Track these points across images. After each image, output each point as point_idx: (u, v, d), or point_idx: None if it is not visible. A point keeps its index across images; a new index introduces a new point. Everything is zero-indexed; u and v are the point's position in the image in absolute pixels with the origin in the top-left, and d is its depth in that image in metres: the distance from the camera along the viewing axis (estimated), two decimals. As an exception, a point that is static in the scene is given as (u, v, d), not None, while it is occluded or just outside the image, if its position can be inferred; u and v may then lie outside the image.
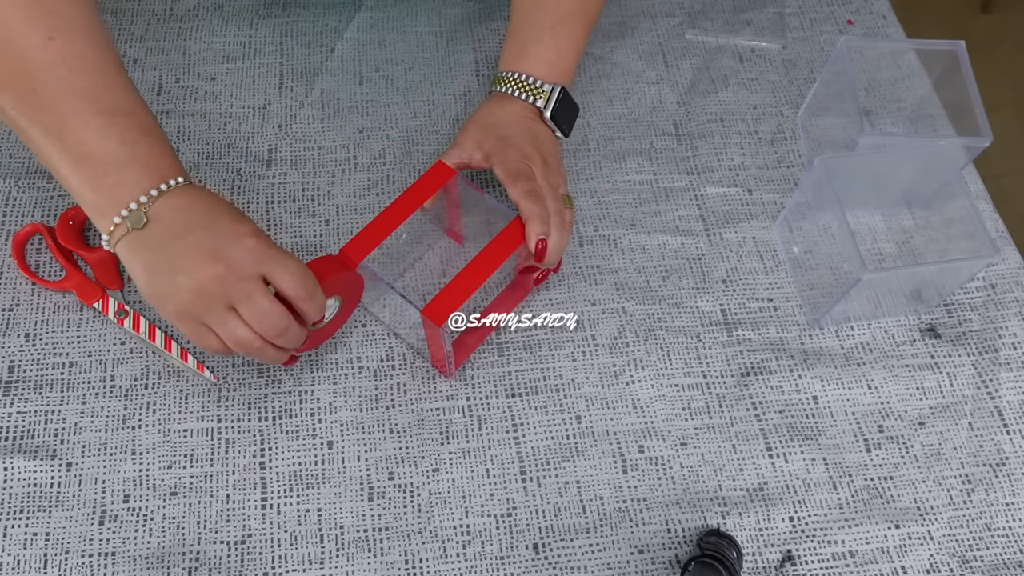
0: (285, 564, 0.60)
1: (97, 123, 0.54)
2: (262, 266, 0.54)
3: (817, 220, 0.72)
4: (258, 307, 0.54)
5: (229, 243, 0.53)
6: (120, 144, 0.54)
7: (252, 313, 0.54)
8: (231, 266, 0.53)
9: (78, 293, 0.68)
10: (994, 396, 0.70)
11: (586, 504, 0.64)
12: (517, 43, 0.72)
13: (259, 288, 0.54)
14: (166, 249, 0.53)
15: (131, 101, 0.56)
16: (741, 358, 0.70)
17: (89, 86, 0.54)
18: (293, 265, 0.55)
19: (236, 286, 0.53)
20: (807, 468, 0.66)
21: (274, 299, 0.54)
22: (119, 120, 0.54)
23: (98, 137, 0.54)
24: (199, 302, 0.53)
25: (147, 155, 0.55)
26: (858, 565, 0.62)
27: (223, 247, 0.53)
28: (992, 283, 0.75)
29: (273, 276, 0.54)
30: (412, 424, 0.66)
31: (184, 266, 0.53)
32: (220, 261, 0.52)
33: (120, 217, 0.54)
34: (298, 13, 0.87)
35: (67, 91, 0.53)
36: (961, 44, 0.74)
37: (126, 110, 0.55)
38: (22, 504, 0.61)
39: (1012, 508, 0.65)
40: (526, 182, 0.64)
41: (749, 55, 0.88)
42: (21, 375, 0.66)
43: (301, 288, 0.55)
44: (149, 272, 0.54)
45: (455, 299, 0.60)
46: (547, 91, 0.70)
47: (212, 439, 0.64)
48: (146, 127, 0.56)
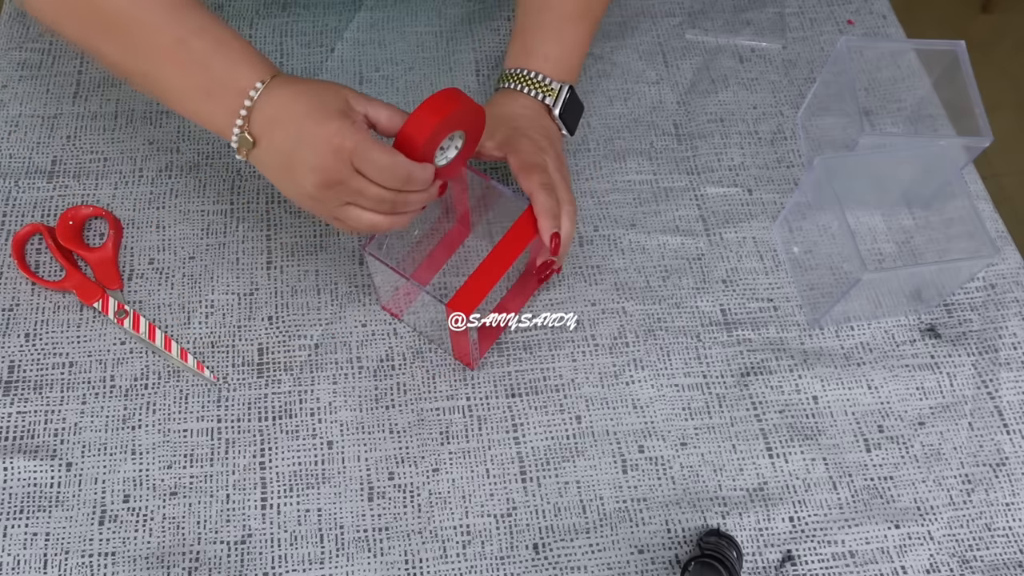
0: (285, 564, 0.60)
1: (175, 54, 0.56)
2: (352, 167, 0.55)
3: (817, 220, 0.72)
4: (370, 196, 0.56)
5: (318, 155, 0.54)
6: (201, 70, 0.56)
7: (368, 203, 0.57)
8: (327, 176, 0.55)
9: (78, 293, 0.68)
10: (994, 396, 0.70)
11: (586, 504, 0.64)
12: (523, 41, 0.72)
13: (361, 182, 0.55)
14: (280, 161, 0.57)
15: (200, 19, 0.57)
16: (741, 358, 0.70)
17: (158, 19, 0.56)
18: (379, 158, 0.55)
19: (342, 188, 0.56)
20: (807, 468, 0.66)
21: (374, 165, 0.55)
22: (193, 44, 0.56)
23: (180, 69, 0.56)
24: (320, 203, 0.57)
25: (224, 71, 0.56)
26: (858, 565, 0.62)
27: (314, 160, 0.55)
28: (992, 283, 0.75)
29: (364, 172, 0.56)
30: (412, 424, 0.66)
31: (298, 178, 0.56)
32: (318, 172, 0.55)
33: (234, 144, 0.57)
34: (298, 13, 0.87)
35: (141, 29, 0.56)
36: (961, 44, 0.74)
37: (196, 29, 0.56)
38: (22, 504, 0.61)
39: (1012, 508, 0.65)
40: (541, 174, 0.64)
41: (749, 55, 0.88)
42: (21, 375, 0.66)
43: (392, 179, 0.56)
44: (277, 180, 0.59)
45: (478, 292, 0.60)
46: (556, 89, 0.70)
47: (212, 439, 0.64)
48: (218, 40, 0.57)
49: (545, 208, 0.63)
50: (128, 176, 0.76)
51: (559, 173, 0.66)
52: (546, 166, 0.66)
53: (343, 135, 0.54)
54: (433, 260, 0.73)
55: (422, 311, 0.69)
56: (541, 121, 0.70)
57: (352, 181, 0.55)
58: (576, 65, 0.73)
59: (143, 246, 0.73)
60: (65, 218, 0.71)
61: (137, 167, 0.77)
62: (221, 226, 0.74)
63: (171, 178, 0.76)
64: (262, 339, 0.69)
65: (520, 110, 0.70)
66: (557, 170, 0.66)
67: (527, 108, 0.70)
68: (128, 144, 0.78)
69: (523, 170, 0.65)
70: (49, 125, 0.78)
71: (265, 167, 0.58)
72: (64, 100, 0.80)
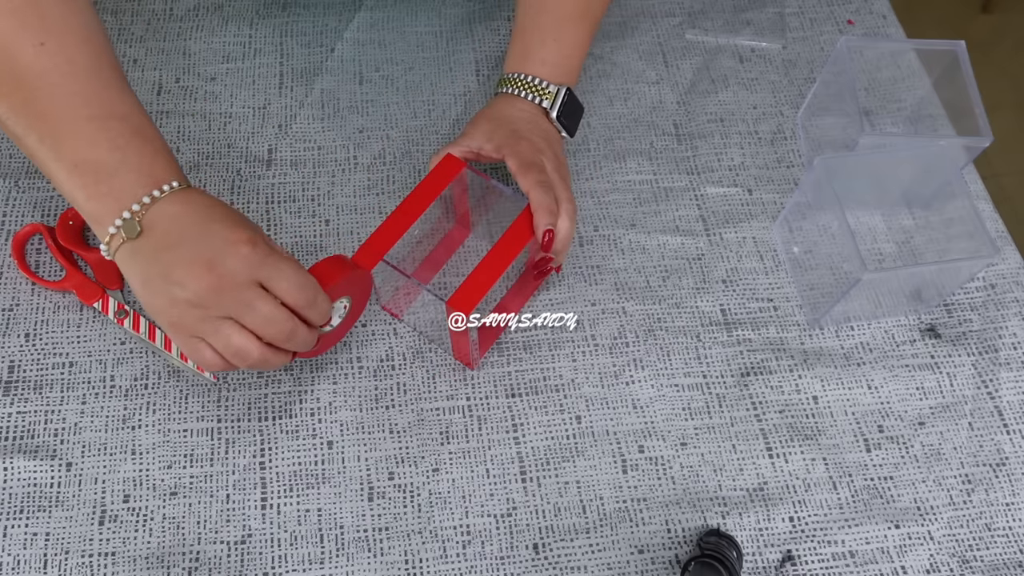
0: (285, 564, 0.60)
1: (89, 129, 0.52)
2: (258, 273, 0.52)
3: (817, 220, 0.72)
4: (261, 313, 0.52)
5: (223, 251, 0.51)
6: (111, 151, 0.53)
7: (255, 320, 0.52)
8: (224, 275, 0.51)
9: (78, 293, 0.68)
10: (994, 396, 0.70)
11: (586, 504, 0.64)
12: (522, 44, 0.72)
13: (258, 294, 0.52)
14: (160, 259, 0.52)
15: (125, 105, 0.55)
16: (741, 358, 0.70)
17: (80, 91, 0.53)
18: (291, 272, 0.53)
19: (232, 296, 0.51)
20: (807, 468, 0.66)
21: (276, 303, 0.53)
22: (111, 125, 0.53)
23: (89, 144, 0.52)
24: (193, 313, 0.52)
25: (139, 160, 0.53)
26: (858, 565, 0.62)
27: (216, 256, 0.51)
28: (992, 283, 0.75)
29: (270, 284, 0.52)
30: (412, 424, 0.66)
31: (178, 277, 0.51)
32: (213, 271, 0.51)
33: (115, 227, 0.52)
34: (298, 13, 0.87)
35: (58, 97, 0.52)
36: (961, 44, 0.74)
37: (119, 114, 0.54)
38: (22, 504, 0.61)
39: (1012, 508, 0.65)
40: (538, 172, 0.65)
41: (749, 55, 0.88)
42: (21, 375, 0.66)
43: (300, 296, 0.53)
44: (145, 283, 0.53)
45: (478, 290, 0.61)
46: (552, 92, 0.70)
47: (212, 439, 0.64)
48: (139, 130, 0.54)
49: (541, 204, 0.63)
50: (128, 176, 0.76)
51: (557, 173, 0.66)
52: (543, 166, 0.66)
53: (256, 244, 0.52)
54: (433, 260, 0.73)
55: (422, 311, 0.69)
56: (540, 124, 0.70)
57: (247, 291, 0.51)
58: (575, 67, 0.73)
59: (143, 246, 0.73)
60: (65, 218, 0.71)
61: (137, 167, 0.76)
62: (221, 226, 0.74)
63: (171, 178, 0.76)
64: (262, 339, 0.69)
65: (519, 113, 0.70)
66: (556, 171, 0.66)
67: (525, 112, 0.70)
68: (128, 144, 0.78)
69: (521, 169, 0.65)
70: (49, 125, 0.78)
71: (136, 264, 0.53)
72: (64, 100, 0.80)
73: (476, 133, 0.68)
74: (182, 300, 0.51)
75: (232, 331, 0.52)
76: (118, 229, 0.52)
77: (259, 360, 0.54)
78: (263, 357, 0.54)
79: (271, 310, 0.52)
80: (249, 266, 0.52)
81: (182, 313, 0.52)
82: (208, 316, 0.52)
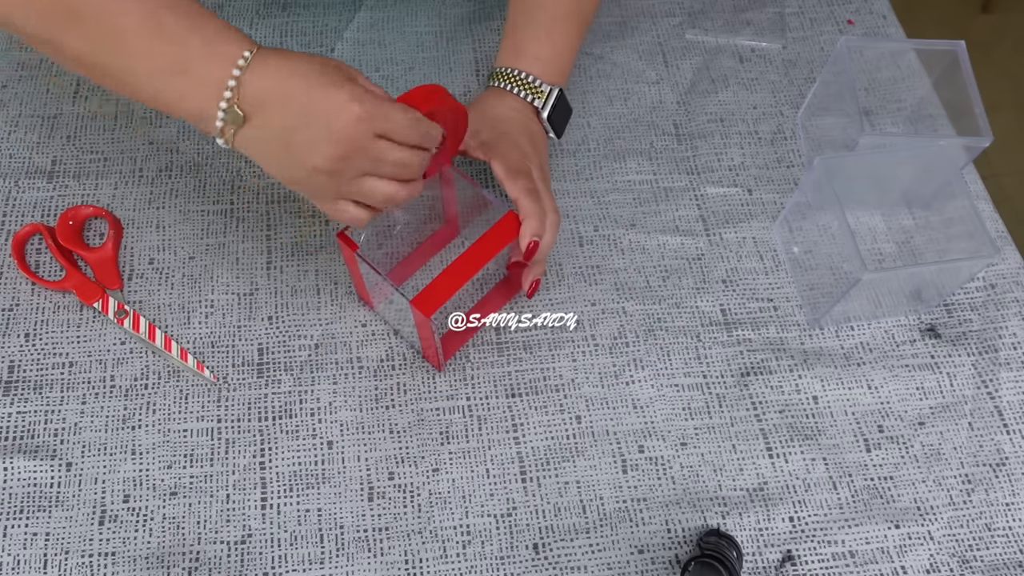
0: (285, 564, 0.60)
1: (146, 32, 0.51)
2: (374, 127, 0.53)
3: (817, 220, 0.72)
4: (392, 161, 0.54)
5: (337, 119, 0.52)
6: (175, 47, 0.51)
7: (390, 169, 0.55)
8: (348, 142, 0.52)
9: (78, 293, 0.68)
10: (994, 396, 0.70)
11: (586, 504, 0.64)
12: (514, 40, 0.72)
13: (384, 147, 0.54)
14: (280, 139, 0.53)
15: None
16: (741, 358, 0.70)
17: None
18: (399, 115, 0.54)
19: (362, 156, 0.53)
20: (807, 468, 0.66)
21: (400, 147, 0.55)
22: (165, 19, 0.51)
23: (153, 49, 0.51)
24: (333, 180, 0.54)
25: (202, 46, 0.52)
26: (858, 565, 0.62)
27: (332, 126, 0.52)
28: (992, 283, 0.75)
29: (388, 133, 0.54)
30: (412, 424, 0.66)
31: (305, 154, 0.52)
32: (336, 143, 0.52)
33: (220, 120, 0.52)
34: (298, 13, 0.87)
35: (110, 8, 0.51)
36: (961, 44, 0.74)
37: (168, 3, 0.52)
38: (22, 504, 0.61)
39: (1012, 508, 0.65)
40: (527, 179, 0.64)
41: (749, 55, 0.88)
42: (21, 375, 0.66)
43: (415, 134, 0.55)
44: (277, 162, 0.54)
45: (445, 291, 0.60)
46: (545, 91, 0.70)
47: (212, 439, 0.64)
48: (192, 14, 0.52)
49: (531, 212, 0.63)
50: (128, 176, 0.76)
51: (542, 182, 0.66)
52: (530, 173, 0.65)
53: (361, 100, 0.52)
54: (413, 259, 0.72)
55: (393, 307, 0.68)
56: (528, 124, 0.70)
57: (372, 147, 0.53)
58: (566, 67, 0.73)
59: (143, 246, 0.73)
60: (65, 218, 0.71)
61: (137, 167, 0.77)
62: (221, 226, 0.74)
63: (171, 178, 0.76)
64: (262, 339, 0.69)
65: (508, 112, 0.69)
66: (540, 179, 0.66)
67: (515, 110, 0.70)
68: (128, 144, 0.78)
69: (508, 174, 0.64)
70: (49, 125, 0.78)
71: (258, 147, 0.54)
72: (64, 100, 0.80)
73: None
74: (318, 172, 0.53)
75: (374, 184, 0.55)
76: (224, 122, 0.52)
77: (406, 197, 0.57)
78: (408, 193, 0.57)
79: (398, 155, 0.55)
80: (366, 125, 0.52)
81: (323, 183, 0.54)
82: (346, 179, 0.54)
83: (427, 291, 0.60)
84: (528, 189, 0.64)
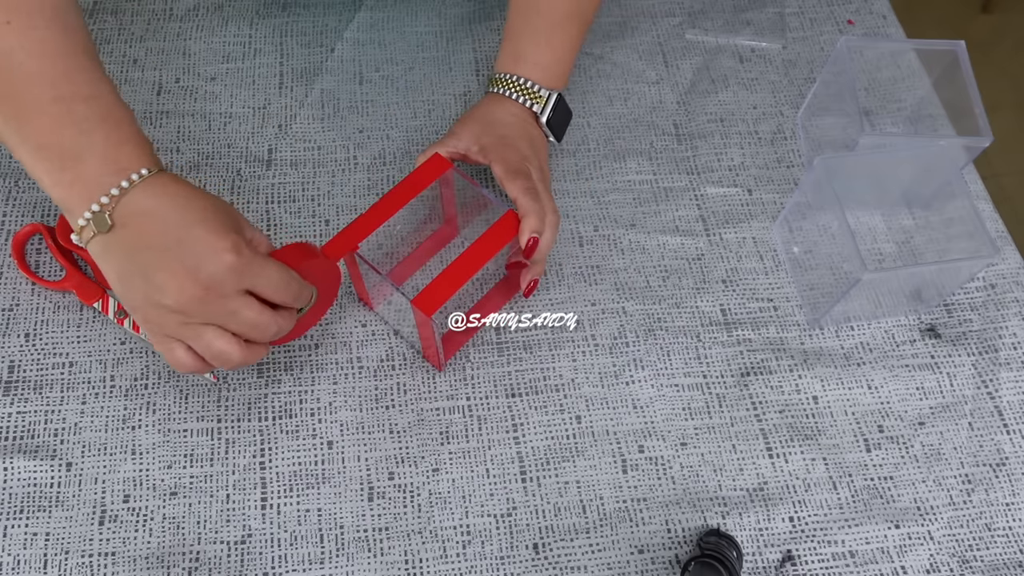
0: (285, 564, 0.60)
1: (53, 111, 0.50)
2: (243, 281, 0.51)
3: (817, 220, 0.72)
4: (246, 319, 0.52)
5: (207, 260, 0.49)
6: (76, 135, 0.50)
7: (241, 326, 0.52)
8: (210, 287, 0.50)
9: (78, 293, 0.68)
10: (994, 396, 0.70)
11: (586, 504, 0.64)
12: (513, 45, 0.72)
13: (244, 303, 0.51)
14: (137, 258, 0.50)
15: (95, 87, 0.52)
16: (741, 358, 0.70)
17: (46, 72, 0.50)
18: (274, 273, 0.52)
19: (218, 305, 0.50)
20: (807, 468, 0.66)
21: (261, 307, 0.52)
22: (77, 108, 0.50)
23: (52, 126, 0.50)
24: (174, 318, 0.51)
25: (105, 146, 0.50)
26: (858, 565, 0.62)
27: (201, 265, 0.49)
28: (992, 283, 0.75)
29: (256, 288, 0.52)
30: (412, 424, 0.66)
31: (159, 281, 0.49)
32: (198, 282, 0.49)
33: (84, 219, 0.50)
34: (298, 13, 0.87)
35: (22, 77, 0.50)
36: (961, 44, 0.74)
37: (86, 96, 0.51)
38: (22, 504, 0.61)
39: (1012, 508, 0.65)
40: (525, 179, 0.65)
41: (749, 55, 0.88)
42: (21, 375, 0.66)
43: (285, 294, 0.53)
44: (121, 278, 0.51)
45: (445, 290, 0.60)
46: (544, 96, 0.70)
47: (212, 439, 0.64)
48: (108, 113, 0.51)
49: (531, 210, 0.63)
50: (128, 176, 0.76)
51: (542, 183, 0.66)
52: (530, 173, 0.66)
53: (239, 251, 0.50)
54: (415, 258, 0.72)
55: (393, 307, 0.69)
56: (528, 129, 0.70)
57: (233, 300, 0.51)
58: (565, 72, 0.73)
59: (143, 246, 0.72)
60: (65, 218, 0.71)
61: (137, 167, 0.76)
62: (221, 226, 0.74)
63: (171, 178, 0.76)
64: (262, 339, 0.69)
65: (508, 117, 0.70)
66: (540, 180, 0.66)
67: (515, 115, 0.70)
68: (128, 144, 0.78)
69: (507, 175, 0.65)
70: (49, 125, 0.78)
71: (111, 258, 0.51)
72: (64, 100, 0.80)
73: (464, 134, 0.68)
74: (163, 306, 0.50)
75: (214, 336, 0.51)
76: (88, 222, 0.50)
77: (240, 361, 0.53)
78: (243, 358, 0.53)
79: (256, 315, 0.52)
80: (236, 277, 0.50)
81: (161, 316, 0.51)
82: (189, 323, 0.51)
83: (428, 290, 0.60)
84: (527, 188, 0.64)
